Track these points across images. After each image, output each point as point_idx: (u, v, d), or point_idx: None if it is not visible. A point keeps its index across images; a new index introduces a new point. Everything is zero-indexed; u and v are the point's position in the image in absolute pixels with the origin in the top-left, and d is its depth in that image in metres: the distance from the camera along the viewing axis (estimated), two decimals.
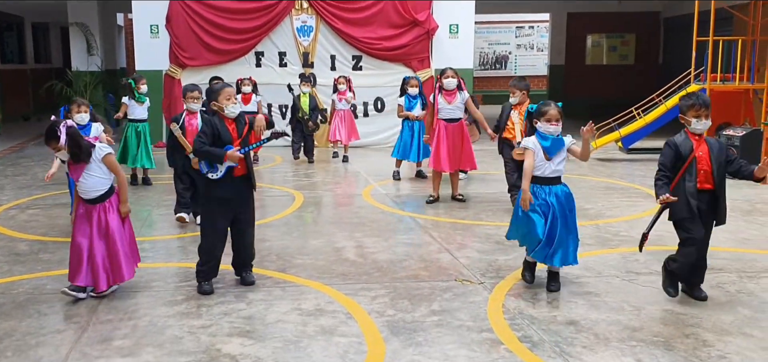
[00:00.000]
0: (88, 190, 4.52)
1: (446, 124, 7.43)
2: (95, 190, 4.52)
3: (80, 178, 4.49)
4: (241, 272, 4.96)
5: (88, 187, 4.51)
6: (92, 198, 4.53)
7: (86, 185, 4.51)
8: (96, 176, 4.51)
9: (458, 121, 7.50)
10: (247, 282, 4.91)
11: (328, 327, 4.16)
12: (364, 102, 12.57)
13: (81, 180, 4.50)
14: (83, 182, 4.50)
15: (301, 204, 7.75)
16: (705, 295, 4.58)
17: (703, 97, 4.50)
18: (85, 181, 4.50)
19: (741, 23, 11.48)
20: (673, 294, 4.57)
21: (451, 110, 7.43)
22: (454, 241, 6.16)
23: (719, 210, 4.48)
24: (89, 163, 4.49)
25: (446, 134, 7.43)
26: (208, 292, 4.73)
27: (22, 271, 5.29)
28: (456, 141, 7.46)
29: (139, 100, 8.73)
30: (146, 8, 12.42)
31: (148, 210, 7.49)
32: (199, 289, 4.77)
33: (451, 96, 7.41)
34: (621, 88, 17.83)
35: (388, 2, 12.30)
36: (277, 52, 12.57)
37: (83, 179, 4.49)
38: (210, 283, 4.81)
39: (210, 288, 4.78)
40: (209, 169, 4.68)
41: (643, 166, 10.31)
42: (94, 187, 4.52)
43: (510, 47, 23.81)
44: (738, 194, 7.94)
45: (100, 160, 4.52)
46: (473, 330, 4.11)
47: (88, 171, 4.49)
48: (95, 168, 4.51)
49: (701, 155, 4.41)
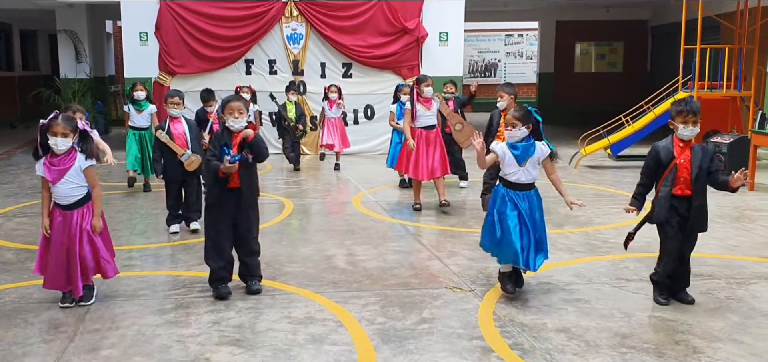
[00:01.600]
0: (64, 196, 4.46)
1: (423, 131, 7.45)
2: (72, 196, 4.48)
3: (58, 182, 4.43)
4: (247, 281, 4.94)
5: (64, 193, 4.45)
6: (69, 203, 4.48)
7: (62, 191, 4.45)
8: (74, 183, 4.46)
9: (434, 128, 7.51)
10: (253, 290, 4.87)
11: (318, 335, 4.13)
12: (354, 109, 12.56)
13: (59, 184, 4.43)
14: (60, 187, 4.44)
15: (290, 211, 7.72)
16: (691, 299, 4.62)
17: (692, 103, 4.54)
18: (62, 187, 4.44)
19: (728, 31, 11.58)
20: (663, 302, 4.61)
21: (429, 117, 7.44)
22: (444, 249, 6.15)
23: (695, 217, 4.49)
24: (70, 170, 4.44)
25: (423, 141, 7.43)
26: (224, 296, 4.73)
27: (8, 280, 5.23)
28: (431, 148, 7.47)
29: (138, 108, 8.66)
30: (135, 15, 12.37)
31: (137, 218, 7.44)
32: (215, 295, 4.77)
33: (428, 103, 7.43)
34: (609, 95, 17.95)
35: (378, 10, 12.32)
36: (267, 59, 12.55)
37: (61, 184, 4.44)
38: (226, 286, 4.81)
39: (227, 291, 4.77)
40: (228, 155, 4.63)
41: (632, 172, 10.34)
42: (70, 193, 4.47)
43: (499, 55, 23.90)
44: (726, 201, 7.98)
45: (82, 170, 4.47)
46: (464, 337, 4.10)
47: (67, 177, 4.44)
48: (75, 175, 4.46)
49: (682, 162, 4.46)
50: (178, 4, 12.20)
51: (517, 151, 4.58)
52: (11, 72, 18.78)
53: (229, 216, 4.80)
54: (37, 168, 4.51)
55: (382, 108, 12.18)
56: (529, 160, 4.60)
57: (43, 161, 4.47)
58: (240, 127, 4.74)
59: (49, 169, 4.45)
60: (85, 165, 4.49)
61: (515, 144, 4.60)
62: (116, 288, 4.96)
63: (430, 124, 7.46)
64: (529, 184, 4.64)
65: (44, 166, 4.46)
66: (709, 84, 10.85)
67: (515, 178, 4.61)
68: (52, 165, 4.45)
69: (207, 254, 4.86)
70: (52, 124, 4.38)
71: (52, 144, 4.38)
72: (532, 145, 4.61)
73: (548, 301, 4.68)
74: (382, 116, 12.09)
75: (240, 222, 4.83)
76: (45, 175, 4.45)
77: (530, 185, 4.65)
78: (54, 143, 4.37)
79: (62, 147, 4.39)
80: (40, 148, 4.46)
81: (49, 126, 4.38)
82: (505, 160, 4.62)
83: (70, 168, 4.44)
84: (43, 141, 4.43)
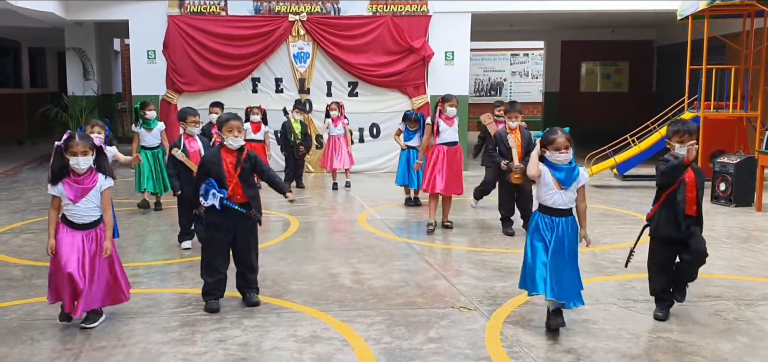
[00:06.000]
0: (82, 214, 4.42)
1: (445, 147, 7.43)
2: (90, 216, 4.45)
3: (80, 201, 4.39)
4: (245, 292, 4.98)
5: (84, 212, 4.42)
6: (86, 222, 4.44)
7: (82, 209, 4.41)
8: (93, 203, 4.45)
9: (456, 145, 7.50)
10: (251, 302, 4.92)
11: (324, 354, 4.11)
12: (360, 128, 12.59)
13: (79, 203, 4.39)
14: (80, 206, 4.40)
15: (296, 229, 7.71)
16: (680, 298, 4.82)
17: (688, 123, 4.67)
18: (83, 206, 4.40)
19: (733, 52, 11.59)
20: (660, 318, 4.67)
21: (451, 133, 7.43)
22: (450, 268, 6.13)
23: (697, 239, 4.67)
24: (92, 190, 4.42)
25: (445, 157, 7.40)
26: (214, 310, 4.78)
27: (14, 296, 5.23)
28: (452, 165, 7.46)
29: (147, 128, 8.66)
30: (143, 33, 12.47)
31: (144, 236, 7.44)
32: (205, 307, 4.82)
33: (450, 121, 7.44)
34: (615, 115, 17.96)
35: (384, 29, 12.38)
36: (274, 78, 12.60)
37: (82, 203, 4.40)
38: (217, 301, 4.85)
39: (216, 305, 4.82)
40: (204, 196, 4.79)
41: (639, 192, 10.33)
42: (89, 213, 4.44)
43: (505, 74, 23.96)
44: (733, 221, 7.95)
45: (101, 191, 4.46)
46: (471, 357, 4.07)
47: (89, 196, 4.41)
48: (95, 195, 4.43)
49: (688, 181, 4.58)
50: (186, 22, 12.30)
51: (561, 174, 4.34)
52: (19, 89, 18.90)
53: (229, 231, 4.85)
54: (52, 188, 4.40)
55: (388, 126, 12.20)
56: (573, 184, 4.36)
57: (64, 179, 4.38)
58: (239, 145, 4.83)
59: (72, 188, 4.37)
60: (106, 185, 4.47)
61: (559, 166, 4.35)
62: (122, 306, 4.94)
63: (451, 141, 7.45)
64: (568, 210, 4.39)
65: (65, 184, 4.37)
66: (716, 104, 10.84)
67: (552, 201, 4.35)
68: (75, 183, 4.38)
69: (203, 268, 4.92)
70: (71, 144, 4.32)
71: (74, 163, 4.32)
72: (575, 169, 4.38)
73: None
74: (387, 135, 12.11)
75: (239, 236, 4.90)
76: (66, 193, 4.37)
77: (568, 211, 4.40)
78: (76, 163, 4.32)
79: (84, 166, 4.35)
80: (54, 172, 4.37)
81: (67, 146, 4.32)
82: (544, 182, 4.37)
83: (92, 188, 4.41)
84: (60, 163, 4.36)
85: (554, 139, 4.32)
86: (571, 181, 4.34)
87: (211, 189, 4.76)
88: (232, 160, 4.85)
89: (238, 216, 4.83)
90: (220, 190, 4.76)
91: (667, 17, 12.57)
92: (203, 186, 4.80)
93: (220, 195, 4.75)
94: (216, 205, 4.75)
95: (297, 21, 12.39)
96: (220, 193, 4.75)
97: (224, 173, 4.81)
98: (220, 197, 4.75)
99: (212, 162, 4.85)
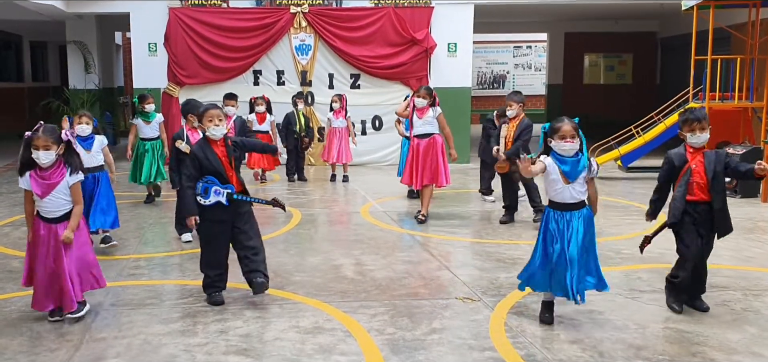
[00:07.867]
0: (52, 209, 4.37)
1: (418, 139, 7.42)
2: (59, 210, 4.39)
3: (47, 196, 4.33)
4: (252, 279, 4.76)
5: (53, 207, 4.37)
6: (56, 217, 4.38)
7: (51, 205, 4.36)
8: (62, 198, 4.38)
9: (430, 136, 7.43)
10: (257, 283, 4.71)
11: (326, 345, 4.07)
12: (362, 120, 12.51)
13: (47, 198, 4.34)
14: (48, 201, 4.34)
15: (298, 221, 7.67)
16: (706, 306, 4.58)
17: (696, 111, 4.57)
18: (51, 201, 4.35)
19: (739, 42, 11.49)
20: (677, 310, 4.56)
21: (421, 125, 7.41)
22: (453, 259, 6.08)
23: (717, 222, 4.53)
24: (59, 185, 4.35)
25: (419, 149, 7.41)
26: (219, 303, 4.72)
27: (14, 289, 5.19)
28: (425, 156, 7.41)
29: (146, 120, 8.63)
30: (145, 26, 12.40)
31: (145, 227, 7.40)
32: (209, 300, 4.76)
33: (421, 112, 7.42)
34: (619, 107, 17.87)
35: (387, 21, 12.31)
36: (275, 70, 12.54)
37: (50, 198, 4.34)
38: (220, 294, 4.78)
39: (220, 298, 4.76)
40: (203, 195, 4.68)
41: (643, 183, 10.26)
42: (59, 207, 4.38)
43: (508, 66, 23.85)
44: (739, 212, 7.87)
45: (70, 186, 4.39)
46: (475, 348, 4.03)
47: (56, 192, 4.35)
48: (63, 190, 4.37)
49: (695, 167, 4.48)
50: (187, 14, 12.24)
51: (566, 166, 4.17)
52: (21, 83, 18.87)
53: (227, 222, 4.75)
54: (21, 181, 4.37)
55: (390, 118, 12.13)
56: (579, 176, 4.20)
57: (30, 174, 4.33)
58: (220, 135, 4.71)
59: (37, 183, 4.33)
60: (73, 181, 4.39)
61: (564, 159, 4.19)
62: (123, 297, 4.92)
63: (423, 132, 7.43)
64: (578, 203, 4.22)
65: (31, 178, 4.33)
66: (721, 95, 10.76)
67: (561, 196, 4.20)
68: (41, 179, 4.33)
69: (203, 262, 4.83)
70: (34, 137, 4.26)
71: (35, 157, 4.27)
72: (581, 161, 4.19)
73: (561, 312, 4.58)
74: (390, 127, 12.05)
75: (237, 224, 4.77)
76: (32, 188, 4.33)
77: (580, 204, 4.23)
78: (36, 156, 4.26)
79: (45, 160, 4.29)
80: (22, 163, 4.33)
81: (31, 139, 4.26)
82: (551, 177, 4.21)
83: (58, 183, 4.35)
84: (27, 154, 4.31)
85: (560, 128, 4.18)
86: (576, 174, 4.18)
87: (212, 187, 4.65)
88: (223, 152, 4.73)
89: (234, 204, 4.71)
90: (225, 186, 4.67)
91: (671, 8, 12.48)
92: (201, 184, 4.65)
93: (226, 191, 4.65)
94: (223, 201, 4.65)
95: (299, 13, 12.32)
96: (225, 189, 4.66)
97: (223, 168, 4.69)
98: (227, 193, 4.65)
99: (206, 157, 4.66)
